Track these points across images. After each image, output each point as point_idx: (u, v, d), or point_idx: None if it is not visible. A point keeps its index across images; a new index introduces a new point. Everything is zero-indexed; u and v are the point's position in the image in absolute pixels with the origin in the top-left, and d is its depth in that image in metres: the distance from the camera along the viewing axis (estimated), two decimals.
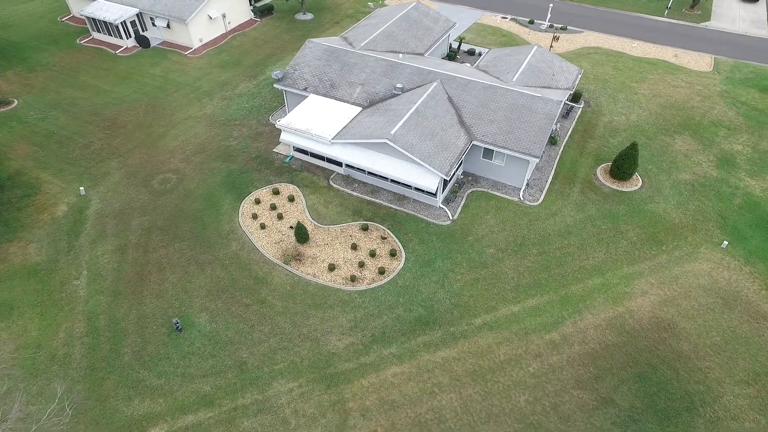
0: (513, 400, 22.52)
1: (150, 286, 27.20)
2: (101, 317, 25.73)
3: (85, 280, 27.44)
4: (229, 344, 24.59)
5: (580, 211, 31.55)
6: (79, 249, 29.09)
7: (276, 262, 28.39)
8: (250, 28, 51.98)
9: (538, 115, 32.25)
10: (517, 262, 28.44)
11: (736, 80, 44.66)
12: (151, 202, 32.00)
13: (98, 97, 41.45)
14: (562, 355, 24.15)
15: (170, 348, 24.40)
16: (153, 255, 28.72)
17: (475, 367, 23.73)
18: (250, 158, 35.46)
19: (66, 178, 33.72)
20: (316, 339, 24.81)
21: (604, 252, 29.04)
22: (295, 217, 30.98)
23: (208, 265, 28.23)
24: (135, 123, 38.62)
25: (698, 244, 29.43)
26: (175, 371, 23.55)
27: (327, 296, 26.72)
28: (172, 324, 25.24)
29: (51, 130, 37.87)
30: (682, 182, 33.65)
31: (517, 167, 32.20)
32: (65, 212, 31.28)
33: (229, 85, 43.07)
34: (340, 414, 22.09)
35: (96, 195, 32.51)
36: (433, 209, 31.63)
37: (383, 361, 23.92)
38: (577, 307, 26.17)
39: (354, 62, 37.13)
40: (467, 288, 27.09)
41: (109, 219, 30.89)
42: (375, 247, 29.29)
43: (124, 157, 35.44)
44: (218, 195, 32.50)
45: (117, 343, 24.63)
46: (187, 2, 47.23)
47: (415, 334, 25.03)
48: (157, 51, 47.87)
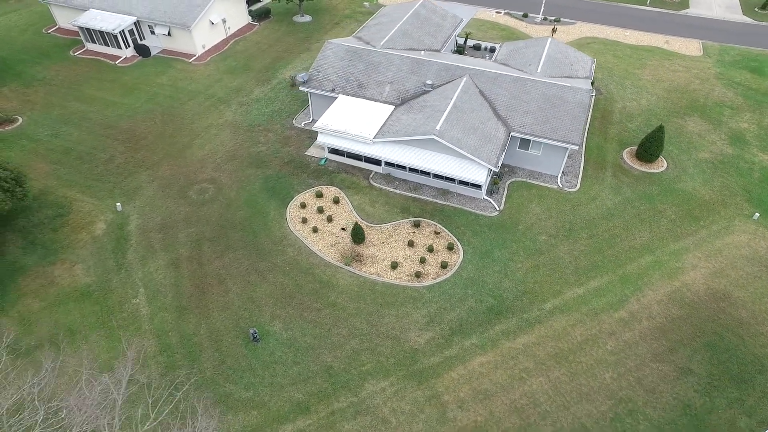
0: (599, 378, 23.32)
1: (213, 298, 26.53)
2: (171, 334, 24.92)
3: (144, 298, 26.47)
4: (310, 350, 24.33)
5: (617, 194, 32.82)
6: (129, 266, 28.01)
7: (337, 264, 28.24)
8: (250, 33, 51.09)
9: (570, 104, 33.30)
10: (570, 247, 29.35)
11: (726, 63, 47.34)
12: (193, 213, 31.14)
13: (108, 109, 39.84)
14: (634, 331, 25.17)
15: (251, 359, 23.91)
16: (209, 267, 28.00)
17: (555, 350, 24.41)
18: (283, 163, 35.01)
19: (96, 194, 32.32)
20: (396, 337, 24.89)
21: (648, 231, 30.35)
22: (343, 219, 30.85)
23: (268, 272, 27.77)
24: (155, 134, 37.38)
25: (731, 218, 31.19)
26: (261, 382, 23.12)
27: (396, 294, 26.81)
28: (248, 335, 24.73)
29: (67, 146, 36.15)
30: (702, 161, 35.50)
31: (555, 156, 33.15)
32: (105, 230, 30.02)
33: (243, 91, 42.28)
34: (438, 408, 22.29)
35: (133, 210, 31.34)
36: (478, 201, 32.18)
37: (467, 353, 24.27)
38: (637, 284, 27.29)
39: (378, 61, 37.22)
40: (530, 275, 27.77)
41: (153, 233, 29.87)
42: (431, 242, 29.56)
43: (153, 170, 34.27)
44: (261, 202, 31.95)
45: (194, 359, 23.93)
46: (188, 8, 45.99)
47: (491, 323, 25.49)
48: (158, 60, 46.38)
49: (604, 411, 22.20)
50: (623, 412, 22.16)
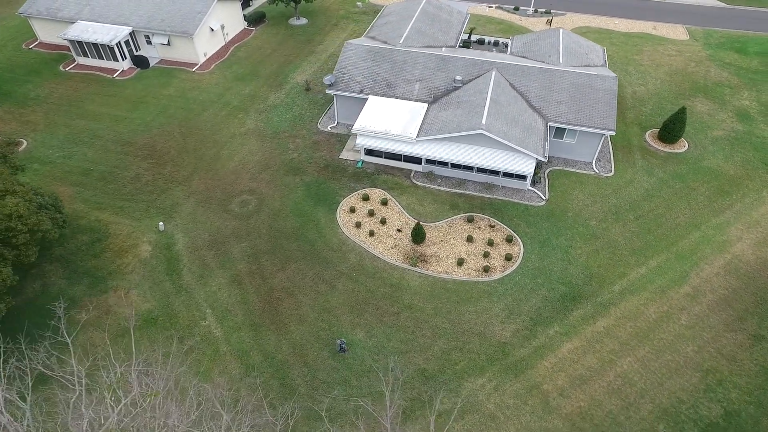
0: (682, 352, 24.17)
1: (286, 312, 25.68)
2: (253, 354, 23.95)
3: (213, 319, 25.31)
4: (400, 355, 23.98)
5: (651, 175, 34.06)
6: (188, 288, 26.69)
7: (403, 266, 27.94)
8: (249, 38, 49.64)
9: (600, 91, 34.27)
10: (621, 229, 30.23)
11: (713, 45, 49.94)
12: (240, 226, 30.01)
13: (119, 125, 37.76)
14: (701, 305, 26.23)
15: (343, 370, 23.32)
16: (273, 281, 27.07)
17: (635, 329, 25.11)
18: (319, 168, 34.28)
19: (131, 215, 30.59)
20: (480, 333, 24.90)
21: (688, 208, 31.67)
22: (396, 220, 30.55)
23: (335, 280, 27.14)
24: (177, 148, 35.74)
25: (759, 190, 32.98)
26: (359, 392, 22.59)
27: (469, 290, 26.82)
28: (334, 346, 24.08)
29: (85, 167, 34.01)
30: (718, 139, 37.35)
31: (589, 143, 34.02)
32: (151, 252, 28.47)
33: (258, 98, 41.06)
34: (540, 398, 22.49)
35: (176, 228, 29.87)
36: (523, 192, 32.61)
37: (553, 341, 24.59)
38: (692, 260, 28.43)
39: (403, 60, 37.03)
40: (591, 259, 28.42)
41: (204, 251, 28.58)
42: (488, 236, 29.73)
43: (186, 185, 32.77)
44: (308, 209, 31.18)
45: (284, 377, 23.09)
46: (188, 15, 44.18)
47: (568, 310, 25.92)
48: (159, 71, 44.32)
49: (695, 383, 23.03)
50: (713, 382, 23.07)
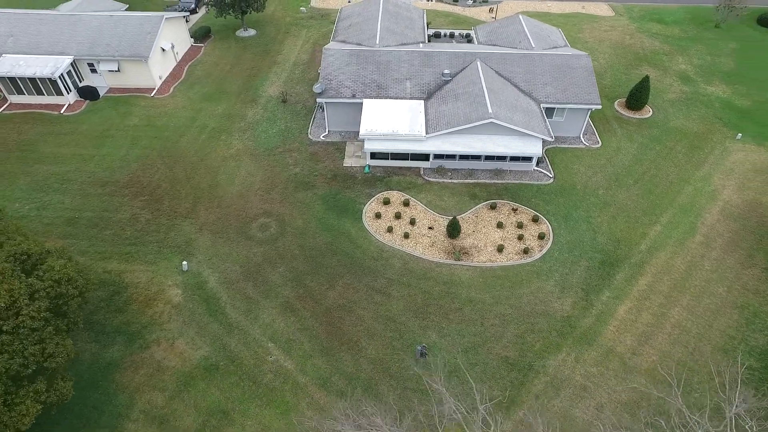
0: (717, 294, 26.71)
1: (352, 329, 24.84)
2: (334, 379, 22.92)
3: (280, 352, 23.84)
4: (479, 347, 24.17)
5: (632, 141, 37.00)
6: (239, 325, 24.85)
7: (448, 262, 28.09)
8: (200, 55, 46.71)
9: (578, 69, 36.55)
10: (626, 194, 32.59)
11: (636, 18, 55.02)
12: (270, 251, 28.44)
13: (89, 164, 34.02)
14: (716, 249, 29.10)
15: (431, 375, 23.05)
16: (327, 301, 26.02)
17: (672, 281, 27.31)
18: (327, 179, 33.33)
19: (144, 260, 27.81)
20: (544, 311, 25.78)
21: (674, 166, 34.87)
22: (423, 219, 30.60)
23: (388, 288, 26.68)
24: (168, 180, 32.95)
25: (722, 141, 37.08)
26: (455, 399, 22.46)
27: (517, 273, 27.60)
28: (414, 352, 23.72)
29: (67, 216, 30.31)
30: (673, 101, 41.36)
31: (576, 119, 36.21)
32: (183, 295, 26.12)
33: (236, 116, 38.92)
34: (618, 361, 23.81)
35: (201, 265, 27.63)
36: (531, 173, 34.01)
37: (609, 306, 26.08)
38: (694, 212, 31.40)
39: (387, 59, 36.95)
40: (612, 225, 30.40)
41: (241, 284, 26.75)
42: (515, 219, 30.73)
43: (192, 218, 30.37)
44: (333, 222, 30.25)
45: (377, 395, 22.36)
46: (138, 37, 40.63)
47: (610, 275, 27.58)
48: (112, 101, 40.39)
49: (737, 319, 25.59)
50: (750, 315, 25.78)
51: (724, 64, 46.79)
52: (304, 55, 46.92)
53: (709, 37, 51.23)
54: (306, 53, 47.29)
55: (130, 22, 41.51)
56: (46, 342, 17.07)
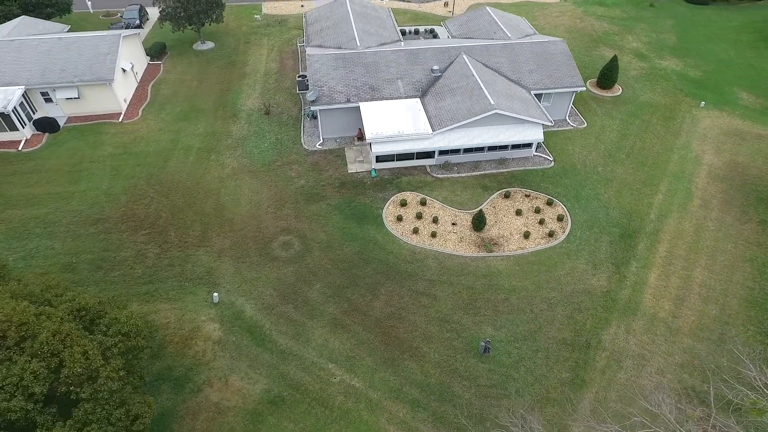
0: (728, 251, 28.79)
1: (408, 336, 24.31)
2: (407, 389, 22.31)
3: (344, 371, 22.86)
4: (536, 334, 24.51)
5: (612, 118, 39.04)
6: (292, 351, 23.53)
7: (481, 255, 28.25)
8: (161, 74, 43.71)
9: (559, 55, 37.98)
10: (622, 168, 34.33)
11: (581, 2, 58.06)
12: (301, 270, 27.20)
13: (70, 203, 30.86)
14: (714, 210, 31.34)
15: (496, 369, 23.07)
16: (374, 311, 25.29)
17: (687, 245, 29.11)
18: (336, 188, 32.42)
19: (166, 298, 25.64)
20: (584, 289, 26.59)
21: (655, 137, 37.19)
22: (444, 215, 30.57)
23: (432, 289, 26.40)
24: (167, 208, 30.58)
25: (689, 109, 40.04)
26: (525, 379, 22.66)
27: (549, 257, 28.28)
28: (478, 348, 23.62)
29: (63, 261, 27.32)
30: (636, 78, 44.08)
31: (562, 102, 37.65)
32: (222, 328, 24.35)
33: (220, 134, 36.84)
34: (663, 326, 25.03)
35: (231, 294, 25.89)
36: (532, 159, 34.94)
37: (639, 276, 27.36)
38: (685, 178, 33.64)
39: (373, 60, 36.48)
40: (620, 199, 31.90)
41: (281, 307, 25.36)
42: (530, 204, 31.45)
43: (206, 245, 28.40)
44: (356, 231, 29.46)
45: (452, 397, 22.03)
46: (95, 59, 37.26)
47: (632, 246, 28.94)
48: (75, 131, 36.85)
49: (750, 271, 27.75)
50: (760, 265, 28.03)
51: (668, 39, 50.50)
52: (272, 64, 45.26)
53: (647, 16, 55.08)
54: (274, 62, 45.65)
55: (84, 43, 38.02)
56: (129, 403, 15.21)
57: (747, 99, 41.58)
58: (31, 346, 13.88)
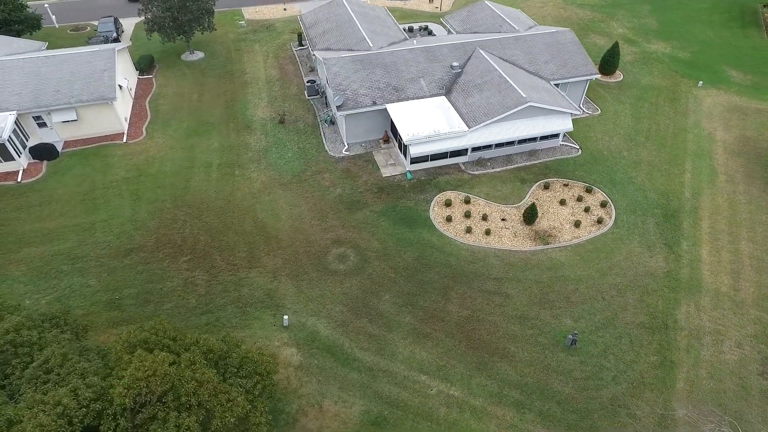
0: (763, 222, 30.05)
1: (492, 338, 23.84)
2: (506, 392, 21.81)
3: (438, 382, 22.09)
4: (614, 321, 24.63)
5: (623, 103, 40.07)
6: (376, 367, 22.52)
7: (540, 248, 28.17)
8: (155, 88, 41.05)
9: (568, 45, 38.53)
10: (646, 151, 35.25)
11: None
12: (365, 281, 26.14)
13: (95, 233, 28.35)
14: (740, 184, 32.67)
15: (592, 359, 23.02)
16: (451, 316, 24.64)
17: (726, 219, 30.16)
18: (375, 194, 31.48)
19: (230, 325, 23.91)
20: (646, 273, 27.01)
21: (667, 118, 38.46)
22: (491, 212, 30.31)
23: (501, 287, 26.04)
24: (203, 230, 28.66)
25: (689, 89, 41.71)
26: (617, 367, 22.73)
27: (604, 243, 28.56)
28: (563, 344, 23.46)
29: (104, 299, 24.98)
30: (633, 62, 45.48)
31: (577, 90, 38.22)
32: (300, 351, 22.97)
33: (238, 147, 34.97)
34: (728, 300, 25.77)
35: (299, 315, 24.50)
36: (559, 149, 35.28)
37: (692, 254, 28.08)
38: (705, 155, 34.91)
39: (392, 61, 35.71)
40: (653, 181, 32.71)
41: (356, 323, 24.23)
42: (571, 193, 31.72)
43: (258, 267, 26.79)
44: (410, 236, 28.67)
45: (553, 394, 21.74)
46: (92, 77, 34.40)
47: (677, 226, 29.67)
48: (76, 156, 33.95)
49: None
50: None
51: (650, 24, 52.47)
52: (272, 71, 43.53)
53: (624, 2, 56.97)
54: (273, 68, 43.91)
55: (77, 60, 35.05)
56: None
57: (737, 76, 43.78)
58: (175, 399, 12.32)
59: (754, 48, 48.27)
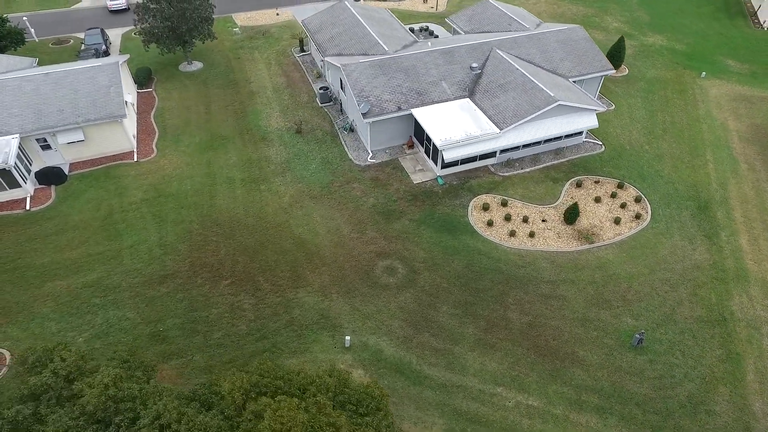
0: None
1: (558, 343, 23.45)
2: (585, 398, 21.44)
3: (514, 392, 21.51)
4: (672, 316, 24.63)
5: (634, 97, 40.52)
6: (456, 384, 21.77)
7: (586, 248, 28.01)
8: (158, 102, 39.08)
9: (580, 41, 38.67)
10: (667, 144, 35.66)
11: None
12: (418, 293, 25.34)
13: (123, 261, 26.57)
14: (761, 171, 33.34)
15: (657, 356, 22.90)
16: (513, 324, 24.13)
17: (755, 206, 30.74)
18: (410, 202, 30.72)
19: (289, 350, 22.72)
20: (693, 266, 27.18)
21: (678, 109, 39.08)
22: (530, 214, 30.01)
23: (555, 290, 25.71)
24: (240, 251, 27.25)
25: (694, 80, 42.57)
26: (685, 363, 22.69)
27: (648, 239, 28.63)
28: (630, 343, 23.27)
29: (147, 332, 23.34)
30: (635, 56, 46.14)
31: (591, 87, 38.41)
32: (367, 372, 21.96)
33: (259, 161, 33.56)
34: None
35: (359, 334, 23.49)
36: (583, 146, 35.31)
37: (732, 243, 28.45)
38: (723, 145, 35.57)
39: (411, 64, 34.98)
40: (680, 173, 33.09)
41: (418, 338, 23.41)
42: (604, 191, 31.74)
43: (305, 286, 25.62)
44: (454, 243, 28.03)
45: (632, 395, 21.50)
46: (98, 94, 32.32)
47: (712, 217, 30.02)
48: (86, 179, 31.86)
49: None
50: None
51: (642, 17, 53.48)
52: (278, 79, 42.12)
53: None
54: (278, 76, 42.50)
55: (78, 77, 32.89)
56: None
57: (735, 66, 45.00)
58: None
59: (745, 37, 49.80)
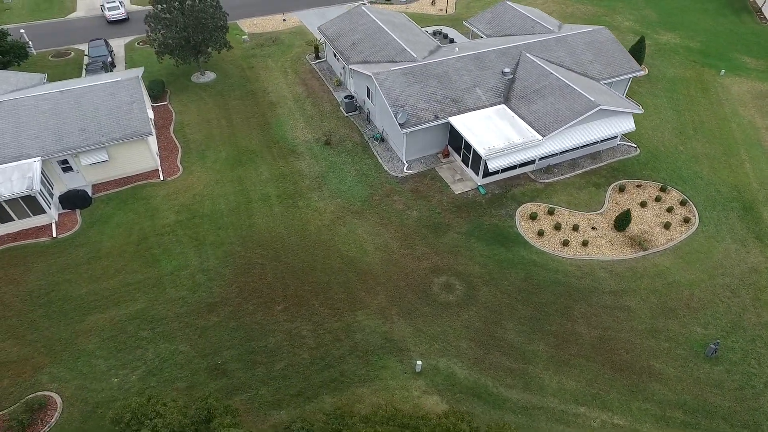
0: None
1: (631, 356, 22.83)
2: (670, 413, 20.83)
3: (597, 411, 20.81)
4: (741, 323, 24.26)
5: (658, 97, 40.33)
6: (557, 392, 20.99)
7: (641, 255, 27.52)
8: (175, 116, 37.45)
9: (606, 42, 38.30)
10: (700, 143, 35.46)
11: None
12: (482, 311, 24.48)
13: (166, 290, 25.13)
14: None
15: (733, 366, 22.46)
16: (582, 339, 23.44)
17: None
18: (454, 213, 29.87)
19: (356, 379, 21.64)
20: (752, 269, 26.87)
21: (705, 109, 39.01)
22: (579, 221, 29.43)
23: (618, 300, 25.13)
24: (288, 274, 26.02)
25: (714, 77, 42.62)
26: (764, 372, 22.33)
27: (700, 243, 28.27)
28: (706, 352, 22.80)
29: (204, 366, 21.98)
30: (652, 55, 45.84)
31: (619, 89, 38.04)
32: (445, 399, 21.04)
33: (292, 175, 32.31)
34: None
35: (428, 357, 22.54)
36: (618, 149, 34.93)
37: None
38: (755, 143, 35.60)
39: (444, 71, 34.14)
40: (719, 174, 32.89)
41: (488, 359, 22.55)
42: (647, 194, 31.35)
43: (362, 308, 24.54)
44: (508, 256, 27.27)
45: (707, 404, 21.00)
46: (120, 111, 30.69)
47: (758, 216, 29.87)
48: (112, 202, 30.21)
49: None
50: None
51: (650, 15, 53.56)
52: (297, 88, 40.85)
53: None
54: (297, 85, 41.23)
55: (98, 93, 31.20)
56: None
57: (751, 62, 45.25)
58: None
59: (755, 33, 50.21)
